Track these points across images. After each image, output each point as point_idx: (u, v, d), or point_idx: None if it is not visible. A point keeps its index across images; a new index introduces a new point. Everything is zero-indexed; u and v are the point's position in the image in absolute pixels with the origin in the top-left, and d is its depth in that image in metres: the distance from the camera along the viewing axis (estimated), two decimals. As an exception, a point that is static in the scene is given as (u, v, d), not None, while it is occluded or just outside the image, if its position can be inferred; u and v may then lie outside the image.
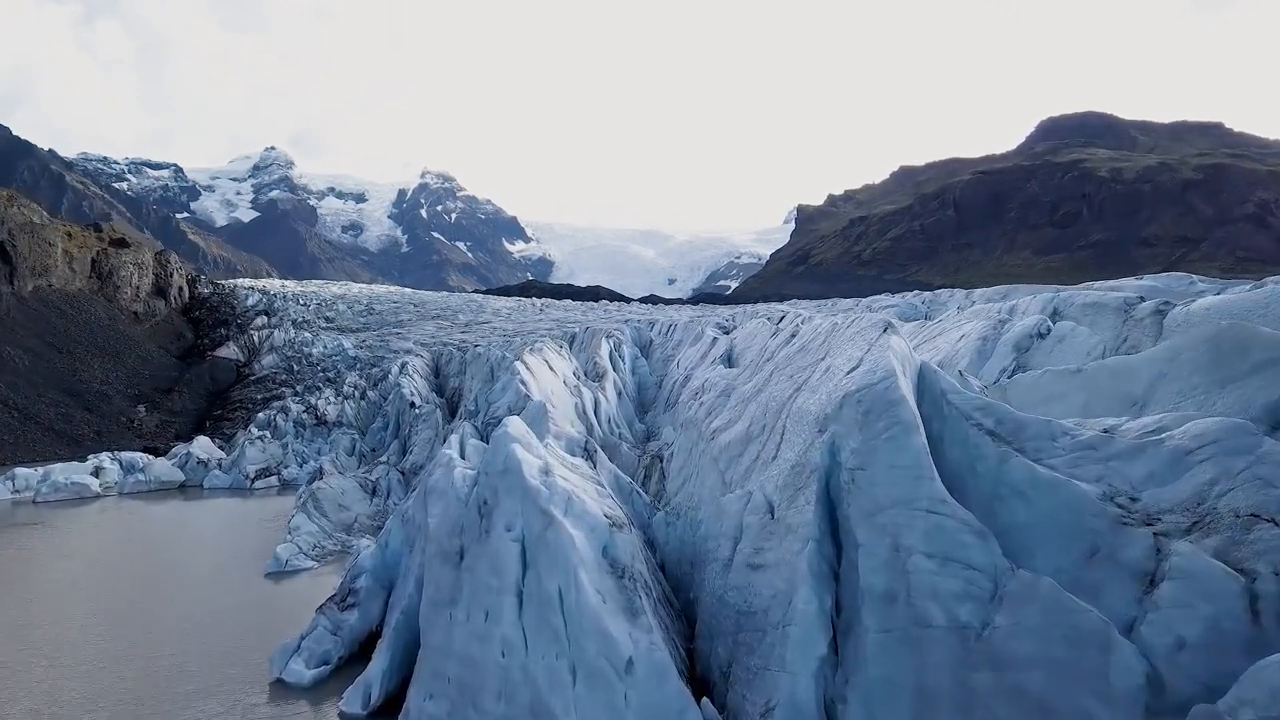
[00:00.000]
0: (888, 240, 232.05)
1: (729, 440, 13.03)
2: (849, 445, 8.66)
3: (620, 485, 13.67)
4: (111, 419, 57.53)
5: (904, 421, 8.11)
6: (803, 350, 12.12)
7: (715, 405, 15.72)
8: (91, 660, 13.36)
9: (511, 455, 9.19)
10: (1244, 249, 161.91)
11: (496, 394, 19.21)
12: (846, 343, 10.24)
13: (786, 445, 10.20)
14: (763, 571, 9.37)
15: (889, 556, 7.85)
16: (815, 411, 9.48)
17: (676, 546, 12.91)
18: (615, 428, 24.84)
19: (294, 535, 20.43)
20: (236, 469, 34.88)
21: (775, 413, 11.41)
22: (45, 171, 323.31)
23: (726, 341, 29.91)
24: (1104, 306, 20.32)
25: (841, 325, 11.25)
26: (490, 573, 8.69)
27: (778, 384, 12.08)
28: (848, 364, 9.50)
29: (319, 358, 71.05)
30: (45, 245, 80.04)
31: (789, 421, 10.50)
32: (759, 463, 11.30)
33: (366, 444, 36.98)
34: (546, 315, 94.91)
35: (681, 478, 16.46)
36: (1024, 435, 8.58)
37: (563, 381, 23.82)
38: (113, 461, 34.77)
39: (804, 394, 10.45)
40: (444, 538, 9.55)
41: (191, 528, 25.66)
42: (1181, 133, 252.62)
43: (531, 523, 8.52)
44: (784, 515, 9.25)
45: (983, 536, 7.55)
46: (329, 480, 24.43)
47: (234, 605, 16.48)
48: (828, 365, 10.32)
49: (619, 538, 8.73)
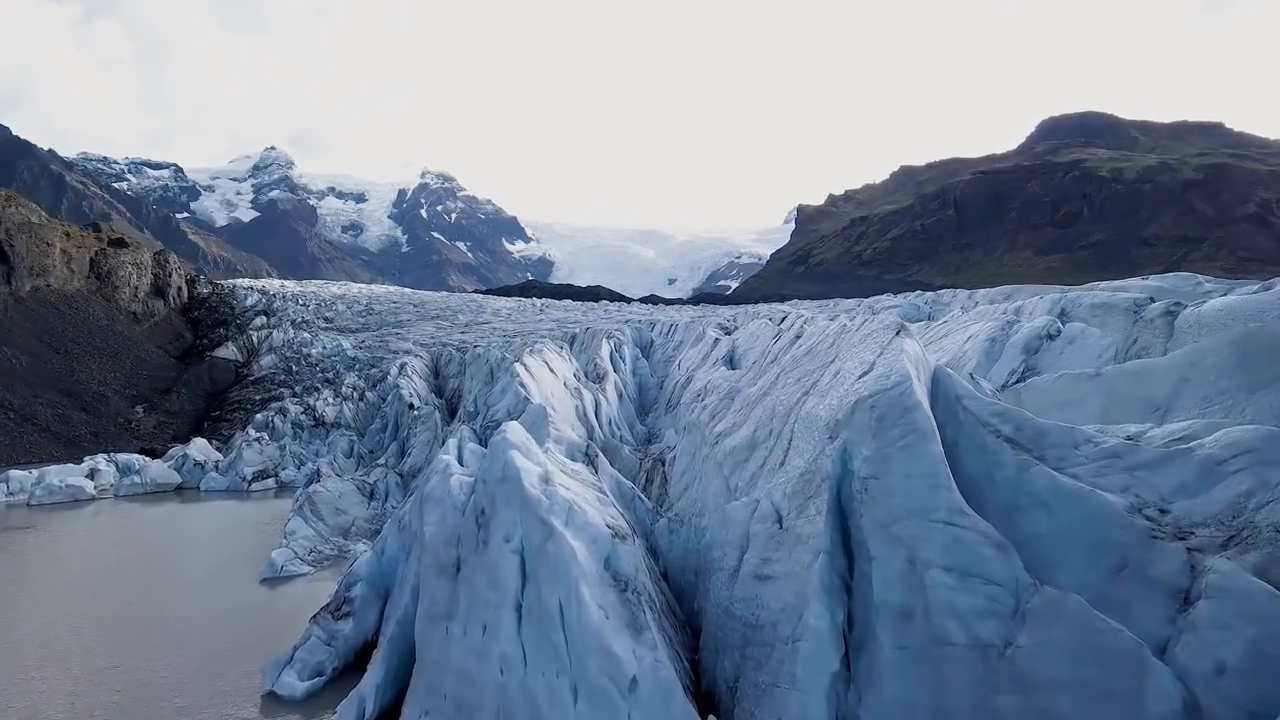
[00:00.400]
0: (888, 240, 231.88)
1: (734, 445, 12.68)
2: (862, 453, 8.31)
3: (622, 491, 13.31)
4: (109, 420, 57.17)
5: (920, 429, 7.75)
6: (810, 353, 11.75)
7: (719, 409, 15.37)
8: (79, 672, 13.00)
9: (510, 463, 8.82)
10: (1245, 249, 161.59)
11: (496, 396, 18.87)
12: (857, 345, 9.88)
13: (795, 452, 9.84)
14: (771, 583, 9.01)
15: (905, 570, 7.49)
16: (825, 417, 9.12)
17: (680, 554, 12.55)
18: (616, 430, 24.50)
19: (289, 540, 20.06)
20: (233, 471, 34.51)
21: (782, 417, 11.06)
22: (45, 171, 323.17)
23: (729, 342, 29.57)
24: (1113, 307, 19.95)
25: (851, 327, 10.89)
26: (488, 586, 8.33)
27: (784, 387, 11.72)
28: (859, 368, 9.14)
29: (318, 358, 70.68)
30: (43, 245, 79.68)
31: (797, 427, 10.14)
32: (765, 469, 10.95)
33: (365, 446, 36.61)
34: (546, 316, 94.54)
35: (684, 482, 16.12)
36: (1044, 443, 8.22)
37: (563, 383, 23.46)
38: (109, 463, 34.40)
39: (813, 398, 10.09)
40: (440, 548, 9.19)
41: (186, 531, 25.30)
42: (1182, 133, 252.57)
43: (531, 534, 8.16)
44: (793, 525, 8.90)
45: (1004, 550, 7.19)
46: (326, 483, 24.08)
47: (227, 612, 16.11)
48: (838, 369, 9.96)
49: (622, 549, 8.37)
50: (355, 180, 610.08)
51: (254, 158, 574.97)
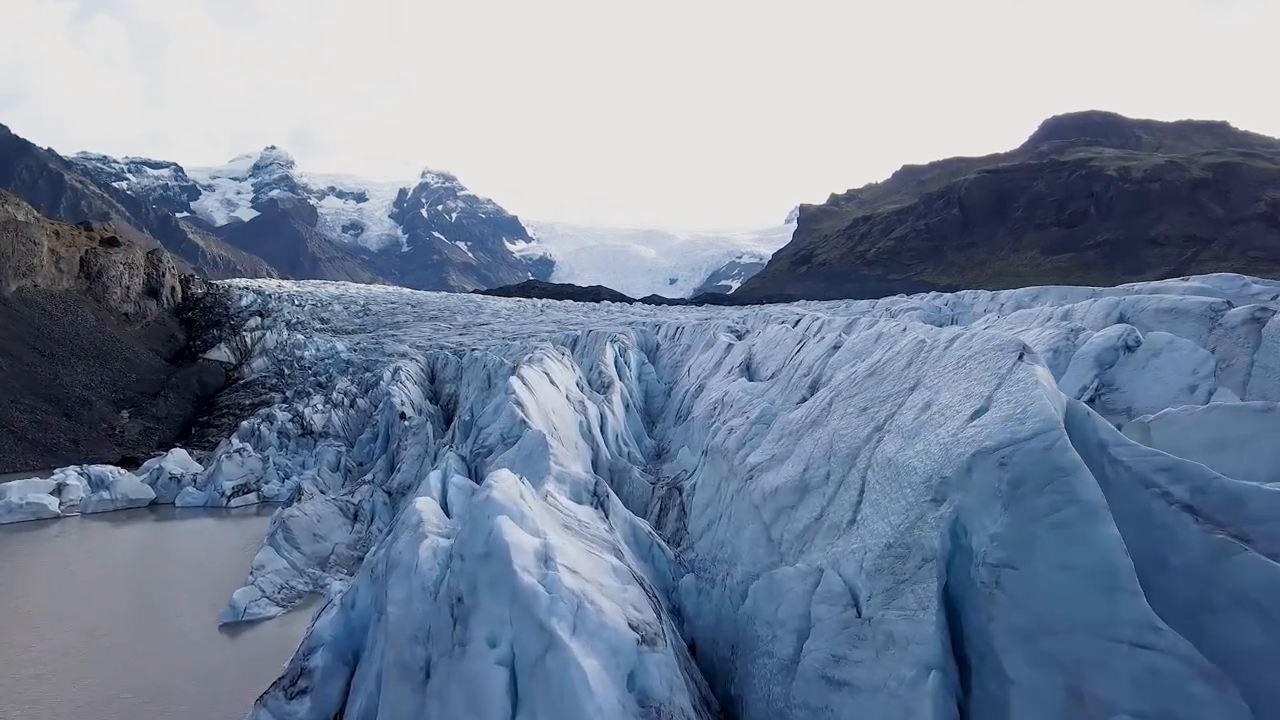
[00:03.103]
0: (892, 240, 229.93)
1: (775, 485, 10.36)
2: (987, 527, 5.98)
3: (638, 537, 11.00)
4: (91, 426, 54.86)
5: (1084, 501, 5.41)
6: (875, 374, 9.41)
7: (751, 434, 13.06)
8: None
9: (496, 536, 6.50)
10: (1256, 249, 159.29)
11: (488, 416, 16.59)
12: (953, 370, 7.54)
13: (872, 509, 7.52)
14: (850, 693, 6.69)
15: (1066, 707, 5.17)
16: (923, 470, 6.78)
17: (711, 622, 10.24)
18: (624, 446, 22.19)
19: (257, 575, 17.72)
20: (212, 485, 32.21)
21: (845, 458, 8.74)
22: (44, 170, 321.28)
23: (743, 348, 27.29)
24: (1184, 313, 17.57)
25: (933, 343, 8.55)
26: (465, 708, 6.00)
27: (843, 418, 9.40)
28: (968, 402, 6.80)
29: (311, 361, 68.34)
30: (30, 244, 77.35)
31: (872, 475, 7.82)
32: (824, 524, 8.62)
33: (353, 457, 34.32)
34: (547, 317, 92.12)
35: (707, 518, 13.79)
36: (1244, 514, 5.87)
37: (565, 396, 21.14)
38: (80, 477, 32.04)
39: (893, 439, 7.75)
40: (404, 643, 6.86)
41: (149, 557, 22.95)
42: (1186, 131, 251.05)
43: (525, 642, 5.85)
44: (880, 617, 6.57)
45: (1221, 688, 4.88)
46: (303, 506, 21.77)
47: (173, 673, 13.67)
48: (926, 401, 7.62)
49: (651, 660, 6.05)
50: (356, 179, 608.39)
51: (254, 157, 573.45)
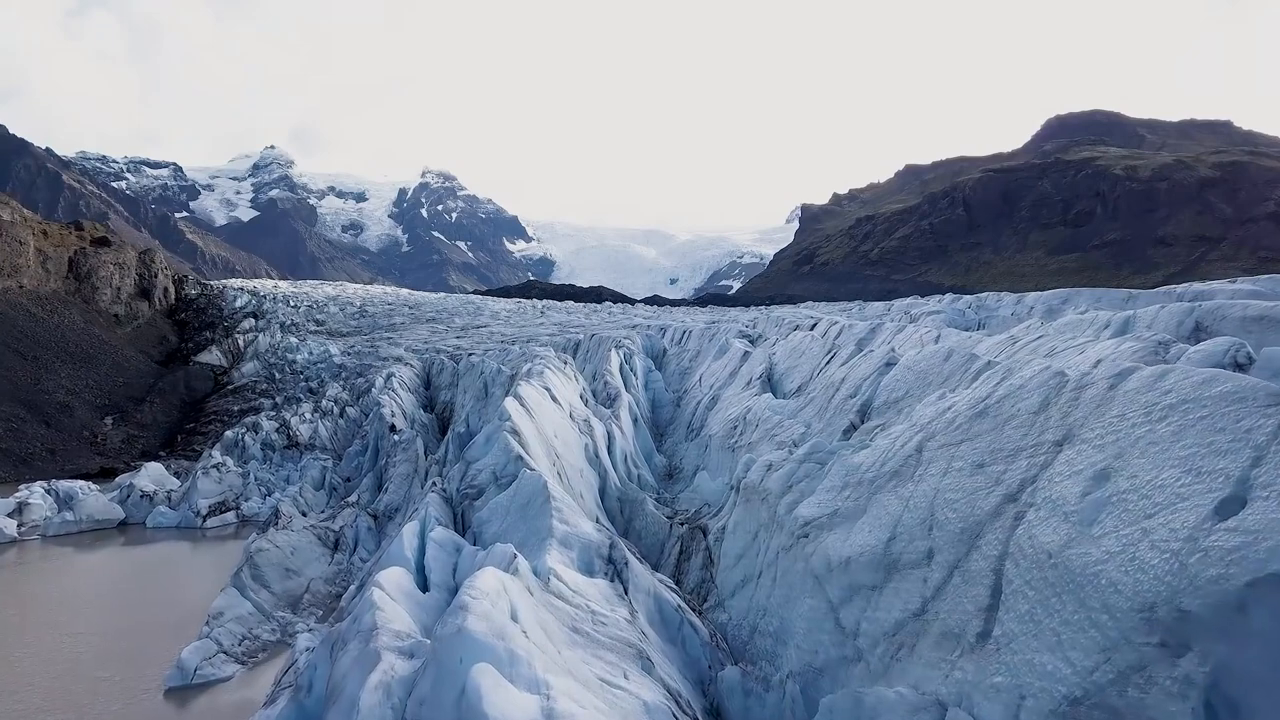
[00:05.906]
0: (895, 240, 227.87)
1: (846, 556, 8.00)
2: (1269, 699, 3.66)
3: (664, 615, 8.66)
4: (72, 434, 52.49)
5: None
6: (988, 416, 7.05)
7: (799, 476, 10.70)
8: None
9: (473, 705, 4.17)
10: (1266, 248, 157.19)
11: (479, 449, 14.21)
12: (1144, 424, 5.16)
13: (1024, 625, 5.18)
14: None
15: None
16: (1129, 586, 4.43)
17: (765, 735, 7.92)
18: (634, 468, 19.85)
19: (214, 625, 15.33)
20: (186, 504, 29.85)
21: (958, 536, 6.39)
22: (42, 170, 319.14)
23: (762, 356, 24.98)
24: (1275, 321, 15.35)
25: (1081, 379, 6.18)
26: None
27: (947, 475, 7.05)
28: (1197, 483, 4.44)
29: (303, 365, 65.97)
30: (15, 244, 75.07)
31: (1015, 571, 5.48)
32: (933, 629, 6.27)
33: (340, 472, 31.97)
34: (548, 319, 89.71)
35: (741, 572, 11.43)
36: None
37: (569, 414, 18.80)
38: (46, 494, 29.68)
39: (1046, 520, 5.40)
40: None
41: (102, 594, 20.58)
42: (1190, 130, 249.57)
43: None
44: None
45: None
46: (275, 536, 19.41)
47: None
48: (1101, 469, 5.26)
49: None
50: (355, 179, 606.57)
51: (253, 156, 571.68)
